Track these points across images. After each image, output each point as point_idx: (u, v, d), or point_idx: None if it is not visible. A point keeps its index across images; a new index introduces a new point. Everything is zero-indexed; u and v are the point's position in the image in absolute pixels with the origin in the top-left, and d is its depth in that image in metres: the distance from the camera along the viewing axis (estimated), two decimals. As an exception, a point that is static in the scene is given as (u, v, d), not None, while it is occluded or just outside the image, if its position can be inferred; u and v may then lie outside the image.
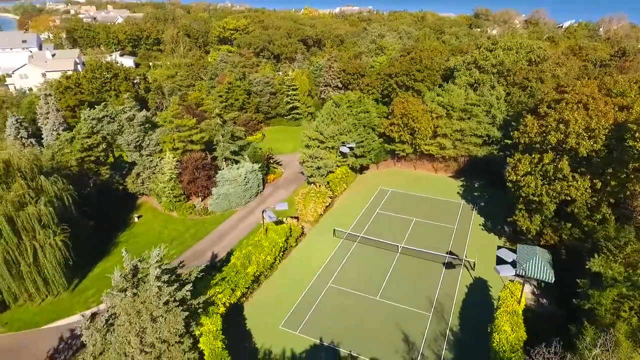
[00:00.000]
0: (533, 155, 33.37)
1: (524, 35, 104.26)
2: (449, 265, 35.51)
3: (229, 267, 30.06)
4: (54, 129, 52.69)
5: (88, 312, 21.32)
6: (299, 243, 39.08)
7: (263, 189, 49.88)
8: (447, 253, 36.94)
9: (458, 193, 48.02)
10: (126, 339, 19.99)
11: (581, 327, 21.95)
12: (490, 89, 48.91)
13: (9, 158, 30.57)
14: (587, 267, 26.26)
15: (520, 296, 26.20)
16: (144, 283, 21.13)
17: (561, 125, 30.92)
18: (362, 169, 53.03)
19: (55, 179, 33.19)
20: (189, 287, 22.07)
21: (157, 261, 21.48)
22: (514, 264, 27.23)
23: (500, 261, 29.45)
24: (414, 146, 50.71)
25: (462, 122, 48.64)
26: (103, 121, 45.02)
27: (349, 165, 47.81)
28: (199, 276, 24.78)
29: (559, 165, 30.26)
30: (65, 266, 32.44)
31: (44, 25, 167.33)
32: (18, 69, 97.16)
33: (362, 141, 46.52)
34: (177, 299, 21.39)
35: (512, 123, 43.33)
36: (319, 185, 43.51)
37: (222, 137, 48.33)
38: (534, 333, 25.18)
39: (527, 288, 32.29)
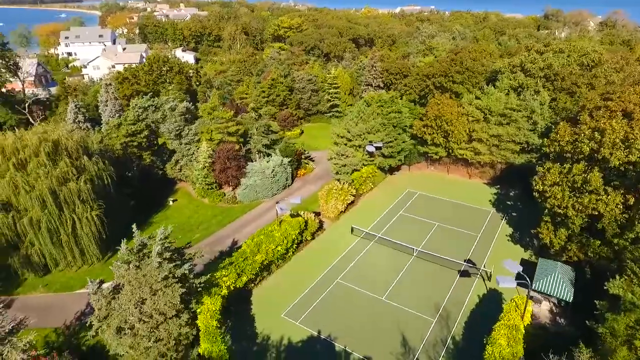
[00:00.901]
0: (564, 165, 31.22)
1: (595, 38, 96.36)
2: (464, 274, 34.29)
3: (239, 253, 31.45)
4: (111, 115, 57.75)
5: (96, 280, 23.57)
6: (316, 237, 39.73)
7: (291, 183, 51.11)
8: (464, 261, 35.68)
9: (490, 201, 45.92)
10: (127, 308, 21.91)
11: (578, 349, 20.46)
12: (533, 93, 46.12)
13: (58, 139, 34.39)
14: (605, 288, 24.26)
15: (524, 311, 24.76)
16: (148, 258, 22.97)
17: (596, 134, 28.65)
18: (393, 170, 52.41)
19: (97, 160, 36.70)
20: (187, 265, 23.61)
21: (161, 239, 23.23)
22: (519, 276, 25.77)
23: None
24: (447, 150, 49.25)
25: (500, 127, 46.37)
26: (148, 110, 48.78)
27: (376, 165, 47.51)
28: (199, 258, 26.31)
29: (588, 177, 28.08)
30: (99, 239, 35.75)
31: (121, 22, 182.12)
32: (92, 60, 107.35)
33: (391, 141, 46.01)
34: (176, 275, 23.00)
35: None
36: (343, 183, 43.76)
37: (256, 130, 50.15)
38: (540, 352, 23.82)
39: (546, 305, 30.43)
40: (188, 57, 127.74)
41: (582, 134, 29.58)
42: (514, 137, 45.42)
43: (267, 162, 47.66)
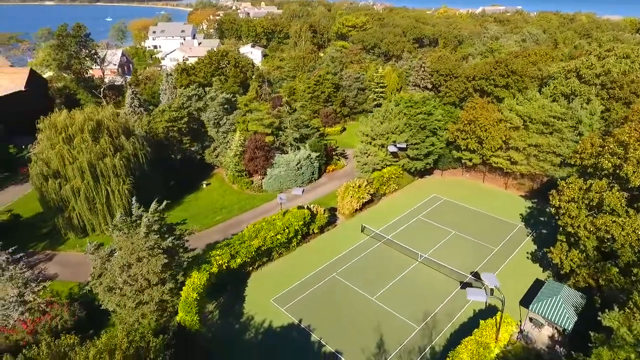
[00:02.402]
0: (588, 181, 28.27)
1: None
2: (467, 286, 32.53)
3: (238, 236, 33.20)
4: (167, 102, 63.39)
5: (94, 242, 26.69)
6: (325, 232, 40.25)
7: (318, 177, 51.99)
8: (470, 273, 33.87)
9: (521, 215, 42.67)
10: (115, 270, 24.61)
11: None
12: (583, 101, 41.81)
13: (101, 119, 38.96)
14: (598, 318, 21.82)
15: (497, 331, 23.08)
16: (138, 227, 25.49)
17: (620, 149, 25.62)
18: (424, 173, 50.85)
19: (134, 140, 40.86)
20: (171, 239, 25.72)
21: (152, 212, 25.63)
22: (493, 291, 24.05)
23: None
24: (482, 157, 46.61)
25: (541, 136, 42.80)
26: (192, 99, 52.78)
27: (401, 166, 46.52)
28: (189, 235, 28.46)
29: (604, 195, 25.23)
30: (129, 210, 39.76)
31: (202, 18, 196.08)
32: (169, 53, 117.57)
33: (417, 143, 44.71)
34: (161, 246, 25.23)
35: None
36: (361, 181, 43.61)
37: (289, 123, 51.78)
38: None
39: (547, 331, 27.88)
40: (256, 53, 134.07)
41: (606, 148, 26.58)
42: (555, 148, 41.67)
43: (295, 154, 49.05)
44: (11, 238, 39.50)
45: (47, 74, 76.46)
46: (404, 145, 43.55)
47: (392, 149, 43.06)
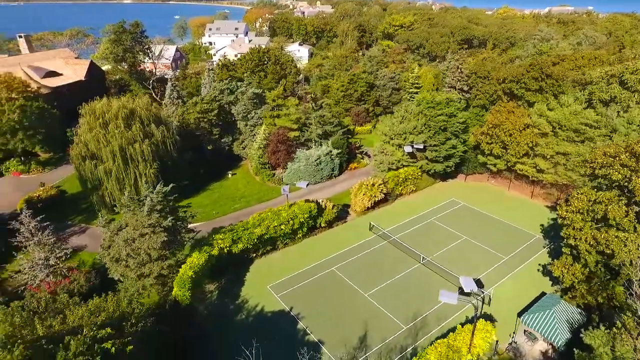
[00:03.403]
0: (597, 193, 26.56)
1: None
2: (464, 292, 31.72)
3: (242, 223, 34.84)
4: (206, 96, 67.04)
5: (106, 216, 29.46)
6: (334, 227, 40.88)
7: (339, 174, 52.61)
8: (472, 279, 32.90)
9: (541, 225, 40.54)
10: (120, 243, 27.14)
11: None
12: (621, 109, 38.81)
13: (134, 107, 42.44)
14: (581, 335, 20.71)
15: (472, 337, 22.51)
16: (144, 206, 27.84)
17: (631, 161, 23.89)
18: (446, 176, 49.71)
19: (163, 128, 43.98)
20: (171, 219, 27.78)
21: (156, 193, 27.89)
22: (467, 294, 23.44)
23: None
24: (507, 162, 44.76)
25: (570, 144, 40.34)
26: (224, 92, 55.52)
27: (419, 167, 45.88)
28: (191, 218, 30.51)
29: (609, 208, 23.67)
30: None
31: (256, 16, 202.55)
32: (220, 49, 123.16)
33: (437, 145, 43.87)
34: (162, 225, 27.40)
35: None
36: (377, 180, 43.66)
37: (313, 119, 52.85)
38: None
39: (541, 346, 26.72)
40: (303, 51, 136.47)
41: (617, 159, 24.86)
42: (585, 157, 39.02)
43: (316, 150, 50.06)
44: (56, 211, 44.44)
45: (106, 66, 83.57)
46: (421, 146, 42.96)
47: (408, 149, 42.65)
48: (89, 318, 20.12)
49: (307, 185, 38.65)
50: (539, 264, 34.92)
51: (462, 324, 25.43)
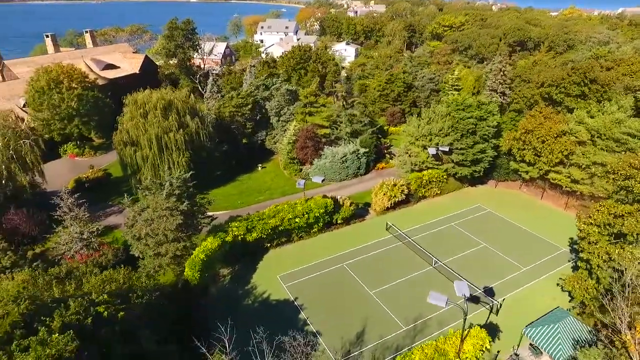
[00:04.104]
0: (620, 206, 24.91)
1: None
2: (473, 299, 30.96)
3: (258, 213, 36.24)
4: (246, 91, 69.73)
5: (130, 197, 32.05)
6: (351, 224, 41.24)
7: (365, 173, 52.73)
8: (483, 287, 32.07)
9: (570, 239, 38.06)
10: (141, 222, 29.50)
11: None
12: (670, 118, 35.69)
13: (172, 99, 45.39)
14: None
15: (461, 343, 22.04)
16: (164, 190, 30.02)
17: (655, 171, 22.24)
18: (475, 181, 48.17)
19: (197, 120, 46.61)
20: (187, 203, 29.69)
21: (176, 178, 29.96)
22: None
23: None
24: (539, 170, 42.65)
25: (610, 154, 37.68)
26: (260, 88, 57.53)
27: (445, 170, 44.90)
28: (208, 206, 32.34)
29: (625, 222, 22.22)
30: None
31: (307, 15, 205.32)
32: (268, 47, 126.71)
33: (464, 148, 42.71)
34: (179, 209, 29.40)
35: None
36: (400, 180, 43.39)
37: (343, 118, 53.38)
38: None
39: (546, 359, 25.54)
40: (350, 50, 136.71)
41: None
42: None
43: (343, 148, 50.56)
44: (101, 191, 48.76)
45: (160, 61, 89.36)
46: (446, 149, 42.07)
47: (432, 151, 41.94)
48: (100, 286, 22.32)
49: (322, 180, 39.32)
50: (560, 278, 33.04)
51: (454, 330, 24.91)
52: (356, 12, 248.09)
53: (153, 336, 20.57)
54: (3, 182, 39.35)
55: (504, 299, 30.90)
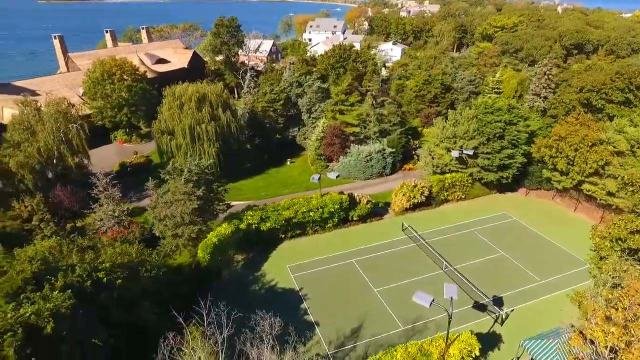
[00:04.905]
0: (638, 221, 23.37)
1: None
2: (480, 307, 30.27)
3: (274, 205, 37.54)
4: (284, 87, 71.63)
5: (154, 181, 34.57)
6: (367, 222, 41.47)
7: (391, 173, 52.50)
8: (492, 296, 31.18)
9: (599, 254, 35.89)
10: (162, 204, 31.84)
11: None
12: None
13: (206, 92, 47.98)
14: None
15: (446, 347, 21.74)
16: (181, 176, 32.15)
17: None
18: (504, 188, 46.38)
19: (229, 113, 48.89)
20: (202, 189, 31.59)
21: (195, 165, 31.99)
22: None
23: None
24: (572, 180, 40.36)
25: (650, 167, 34.91)
26: (293, 85, 58.99)
27: (470, 174, 43.70)
28: (222, 192, 34.09)
29: (634, 238, 20.89)
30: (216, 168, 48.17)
31: (356, 15, 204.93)
32: (313, 45, 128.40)
33: (491, 153, 41.36)
34: (195, 194, 31.39)
35: None
36: (421, 182, 42.91)
37: (372, 117, 53.49)
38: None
39: (545, 376, 24.52)
40: (396, 50, 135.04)
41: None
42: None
43: (369, 147, 50.72)
44: (141, 176, 52.61)
45: (207, 57, 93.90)
46: (470, 152, 40.98)
47: (455, 154, 41.04)
48: (114, 258, 24.61)
49: (337, 177, 39.85)
50: (578, 294, 31.31)
51: (456, 334, 24.55)
52: (409, 11, 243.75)
53: (153, 308, 22.47)
54: (55, 161, 43.88)
55: (512, 310, 29.89)
